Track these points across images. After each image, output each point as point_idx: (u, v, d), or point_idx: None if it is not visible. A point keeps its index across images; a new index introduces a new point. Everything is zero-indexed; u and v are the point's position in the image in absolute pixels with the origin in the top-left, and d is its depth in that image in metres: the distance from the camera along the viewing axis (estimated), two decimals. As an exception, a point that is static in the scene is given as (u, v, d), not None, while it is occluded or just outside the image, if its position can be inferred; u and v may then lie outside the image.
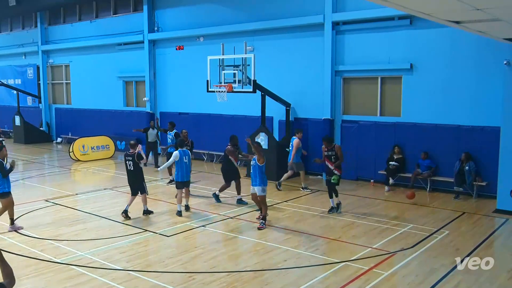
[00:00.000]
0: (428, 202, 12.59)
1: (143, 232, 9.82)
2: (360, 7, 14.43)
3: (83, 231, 10.06)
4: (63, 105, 26.33)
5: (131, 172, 10.95)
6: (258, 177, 10.11)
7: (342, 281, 7.32)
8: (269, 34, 16.93)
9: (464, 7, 6.53)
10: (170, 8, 20.16)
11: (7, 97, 28.38)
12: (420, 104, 13.91)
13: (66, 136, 25.59)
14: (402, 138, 14.26)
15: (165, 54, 20.61)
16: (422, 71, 13.86)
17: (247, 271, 7.76)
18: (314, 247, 8.98)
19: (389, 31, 14.39)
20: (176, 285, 7.16)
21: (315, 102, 15.89)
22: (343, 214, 11.24)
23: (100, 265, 7.95)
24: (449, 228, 10.08)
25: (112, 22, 22.59)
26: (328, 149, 11.20)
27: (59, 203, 12.30)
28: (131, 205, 10.89)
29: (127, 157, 10.93)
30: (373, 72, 14.88)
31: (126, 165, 10.93)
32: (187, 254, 8.53)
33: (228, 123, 18.11)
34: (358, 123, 15.11)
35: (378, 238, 9.43)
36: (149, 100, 21.02)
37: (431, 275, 7.51)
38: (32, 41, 27.00)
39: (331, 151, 11.17)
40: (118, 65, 22.44)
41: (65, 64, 25.90)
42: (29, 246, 8.88)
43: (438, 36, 13.37)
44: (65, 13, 25.29)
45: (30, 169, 18.12)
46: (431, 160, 13.62)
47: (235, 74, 13.95)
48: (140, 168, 10.87)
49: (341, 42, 15.32)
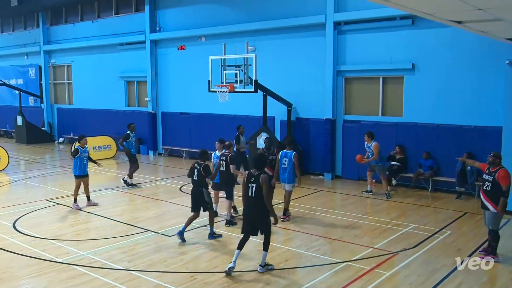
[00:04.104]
0: (430, 202, 12.58)
1: (144, 232, 9.83)
2: (362, 7, 14.42)
3: (84, 231, 10.08)
4: (65, 105, 26.36)
5: (222, 173, 10.31)
6: (292, 173, 10.51)
7: (343, 281, 7.32)
8: (271, 34, 16.93)
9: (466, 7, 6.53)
10: (172, 8, 20.17)
11: (9, 97, 28.42)
12: (422, 104, 13.91)
13: (68, 136, 25.63)
14: (403, 138, 14.25)
15: (167, 54, 20.62)
16: (424, 71, 13.85)
17: (248, 271, 7.76)
18: (315, 247, 8.98)
19: (391, 31, 14.38)
20: (178, 285, 7.16)
21: (317, 102, 15.88)
22: (345, 214, 11.24)
23: (102, 265, 7.96)
24: (451, 228, 10.08)
25: (114, 22, 22.61)
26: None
27: (61, 203, 12.32)
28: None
29: (222, 156, 10.40)
30: (375, 72, 14.87)
31: (219, 165, 10.26)
32: (189, 254, 8.54)
33: (230, 123, 18.10)
34: (359, 123, 15.11)
35: (380, 238, 9.43)
36: (151, 100, 21.04)
37: (433, 275, 7.51)
38: (34, 41, 27.03)
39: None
40: (120, 65, 22.45)
41: (67, 64, 25.94)
42: (31, 246, 8.89)
43: (440, 36, 13.36)
44: (67, 13, 25.33)
45: (32, 169, 18.15)
46: (433, 160, 13.61)
47: (237, 74, 13.97)
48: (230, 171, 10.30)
49: (343, 42, 15.32)
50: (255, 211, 7.59)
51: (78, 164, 11.72)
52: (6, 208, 11.85)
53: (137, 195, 13.34)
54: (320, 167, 15.97)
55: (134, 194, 13.44)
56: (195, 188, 9.37)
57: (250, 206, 7.66)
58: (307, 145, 16.06)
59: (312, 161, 16.14)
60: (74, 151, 11.85)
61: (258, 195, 7.49)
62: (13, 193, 14.24)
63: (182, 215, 11.16)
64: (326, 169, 15.86)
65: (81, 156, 11.75)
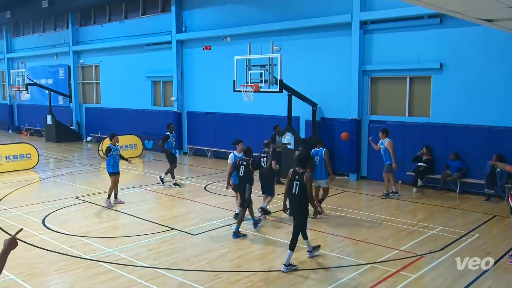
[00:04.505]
0: (457, 204, 12.34)
1: (169, 230, 9.93)
2: (389, 6, 14.25)
3: (111, 228, 10.24)
4: (93, 105, 26.86)
5: (265, 171, 10.81)
6: (324, 170, 10.91)
7: (368, 282, 7.24)
8: (296, 34, 16.88)
9: (497, 4, 6.38)
10: (198, 9, 20.32)
11: (40, 97, 29.12)
12: (450, 104, 13.65)
13: (96, 135, 26.10)
14: (431, 139, 14.01)
15: (192, 54, 20.79)
16: (453, 71, 13.59)
17: (272, 271, 7.75)
18: (340, 248, 8.91)
19: (419, 30, 14.16)
20: (202, 284, 7.21)
21: (342, 102, 15.76)
22: (370, 215, 11.14)
23: (128, 262, 8.08)
24: (479, 231, 9.86)
25: (140, 22, 22.92)
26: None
27: (89, 201, 12.55)
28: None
29: (263, 154, 11.15)
30: (402, 72, 14.67)
31: (260, 162, 10.86)
32: (213, 253, 8.58)
33: (255, 123, 18.14)
34: (385, 123, 14.91)
35: (406, 240, 9.30)
36: (177, 99, 21.24)
37: (460, 278, 7.35)
38: (64, 42, 27.64)
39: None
40: (147, 65, 22.74)
41: (95, 64, 26.42)
42: (60, 242, 9.09)
43: (469, 35, 13.09)
44: (96, 14, 25.81)
45: (61, 167, 18.56)
46: (461, 161, 13.34)
47: (262, 74, 13.98)
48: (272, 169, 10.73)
49: (369, 41, 15.16)
50: (295, 207, 7.94)
51: (112, 161, 11.97)
52: (36, 205, 12.15)
53: (162, 194, 13.48)
54: (345, 168, 15.84)
55: (160, 193, 13.60)
56: (240, 184, 9.84)
57: (292, 203, 8.02)
58: (332, 146, 15.94)
59: (337, 161, 16.01)
60: (106, 149, 12.07)
61: (301, 193, 7.77)
62: (42, 190, 14.60)
63: (207, 213, 11.26)
64: (352, 170, 15.72)
65: (113, 154, 11.99)
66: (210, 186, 14.33)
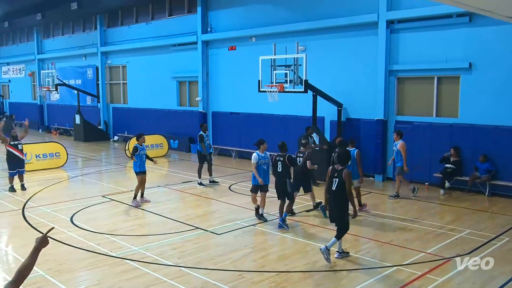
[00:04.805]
0: (486, 207, 12.06)
1: (194, 230, 10.00)
2: (416, 5, 14.03)
3: (137, 227, 10.38)
4: (120, 105, 27.28)
5: (298, 168, 10.96)
6: (355, 170, 10.98)
7: (394, 285, 7.15)
8: (322, 34, 16.79)
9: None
10: (223, 9, 20.42)
11: (68, 97, 29.74)
12: (479, 104, 13.35)
13: (122, 135, 26.50)
14: (459, 140, 13.73)
15: (217, 54, 20.90)
16: (482, 71, 13.29)
17: (296, 271, 7.73)
18: (365, 250, 8.83)
19: (447, 29, 13.90)
20: (225, 283, 7.24)
21: (368, 102, 15.60)
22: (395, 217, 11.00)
23: (153, 260, 8.17)
24: (509, 235, 9.60)
25: (167, 23, 23.16)
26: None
27: (115, 199, 12.75)
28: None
29: (299, 153, 11.39)
30: (429, 72, 14.43)
31: (295, 161, 10.99)
32: (237, 253, 8.61)
33: (279, 123, 18.12)
34: (412, 124, 14.70)
35: (433, 242, 9.14)
36: (202, 100, 21.39)
37: (489, 283, 7.19)
38: (92, 43, 28.16)
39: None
40: (172, 66, 22.97)
41: (122, 65, 26.83)
42: (87, 240, 9.26)
43: (500, 34, 12.79)
44: (123, 16, 26.22)
45: (89, 166, 18.91)
46: (490, 163, 13.04)
47: (287, 74, 13.95)
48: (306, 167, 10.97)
49: (396, 41, 14.96)
50: (334, 204, 8.19)
51: (139, 161, 12.10)
52: (64, 202, 12.41)
53: (187, 193, 13.60)
54: (370, 169, 15.66)
55: (185, 192, 13.72)
56: (279, 179, 10.12)
57: (331, 199, 8.28)
58: (357, 146, 15.72)
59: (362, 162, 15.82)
60: (133, 149, 12.20)
61: (340, 189, 7.99)
62: (71, 188, 14.91)
63: (231, 213, 11.30)
64: (377, 171, 15.54)
65: (140, 154, 12.14)
66: (235, 186, 14.39)
